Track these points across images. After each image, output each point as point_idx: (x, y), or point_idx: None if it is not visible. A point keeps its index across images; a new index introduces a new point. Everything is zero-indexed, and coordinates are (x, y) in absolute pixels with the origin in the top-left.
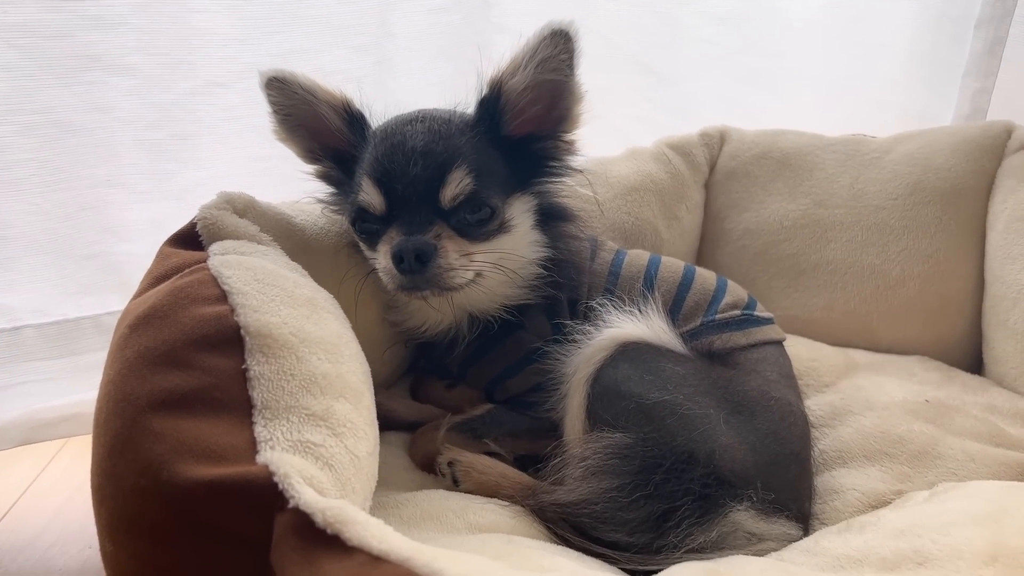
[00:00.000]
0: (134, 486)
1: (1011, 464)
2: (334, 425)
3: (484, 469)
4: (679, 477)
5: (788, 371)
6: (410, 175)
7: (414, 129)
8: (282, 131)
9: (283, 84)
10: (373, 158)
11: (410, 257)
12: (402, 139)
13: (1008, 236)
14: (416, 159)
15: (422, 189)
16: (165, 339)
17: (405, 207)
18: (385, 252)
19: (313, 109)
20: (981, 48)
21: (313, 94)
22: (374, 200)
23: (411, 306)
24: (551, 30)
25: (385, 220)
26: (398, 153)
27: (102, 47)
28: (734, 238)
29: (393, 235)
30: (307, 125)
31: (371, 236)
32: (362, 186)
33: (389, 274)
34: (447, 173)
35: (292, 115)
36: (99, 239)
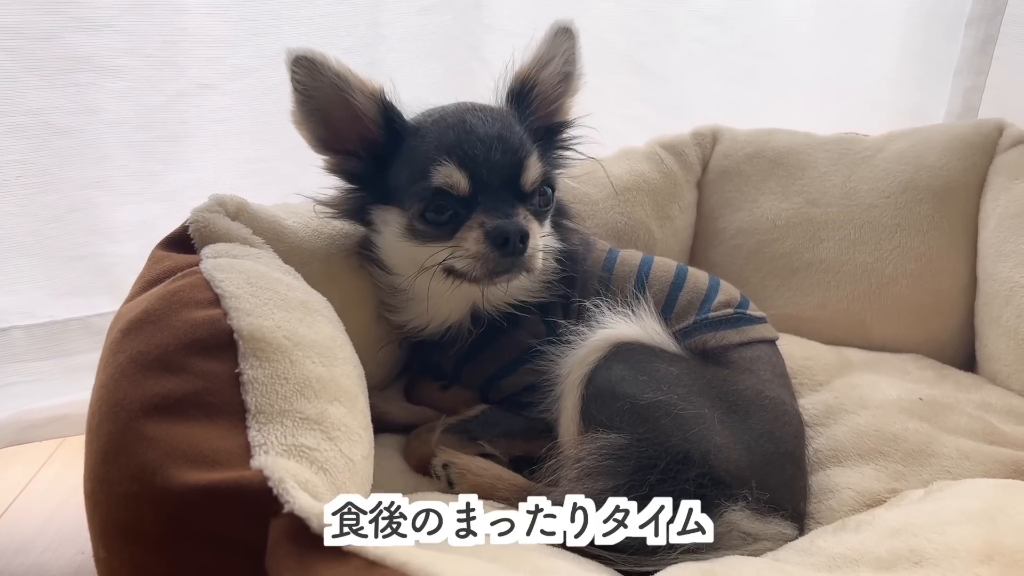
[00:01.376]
0: (127, 492)
1: (1005, 461)
2: (328, 429)
3: (479, 471)
4: (674, 478)
5: (782, 370)
6: (492, 160)
7: (479, 117)
8: (300, 114)
9: (312, 65)
10: (447, 143)
11: (516, 238)
12: (472, 126)
13: (1000, 234)
14: (495, 145)
15: (504, 174)
16: (158, 344)
17: (487, 191)
18: (477, 237)
19: (339, 95)
20: (972, 46)
21: (344, 79)
22: (459, 182)
23: (420, 304)
24: (560, 26)
25: (466, 204)
26: (474, 138)
27: (90, 49)
28: (727, 237)
29: (482, 219)
30: (327, 111)
31: (443, 226)
32: (439, 170)
33: (481, 258)
34: (526, 159)
35: (313, 98)
36: (88, 241)
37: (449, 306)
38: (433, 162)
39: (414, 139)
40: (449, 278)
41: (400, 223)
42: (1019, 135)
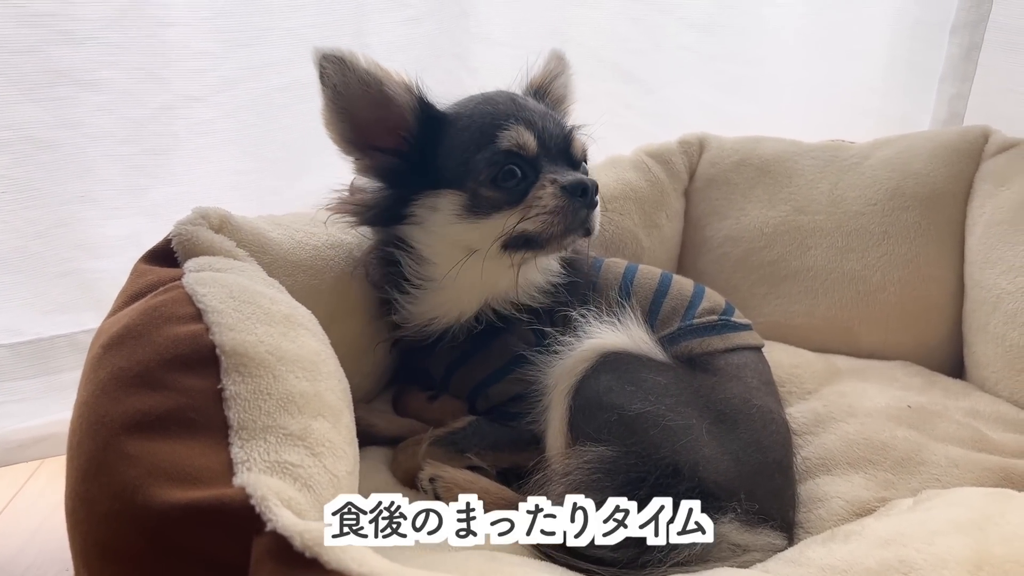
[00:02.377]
0: (108, 510)
1: (994, 469)
2: (312, 445)
3: (466, 484)
4: (664, 491)
5: (768, 377)
6: (550, 127)
7: (518, 98)
8: (329, 113)
9: (341, 62)
10: (505, 112)
11: (592, 189)
12: (523, 101)
13: (987, 240)
14: (548, 116)
15: (560, 143)
16: (139, 360)
17: (548, 156)
18: (553, 192)
19: (368, 91)
20: (957, 54)
21: (374, 75)
22: (528, 142)
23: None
24: (557, 54)
25: (533, 166)
26: (529, 109)
27: (72, 62)
28: (715, 245)
29: (554, 176)
30: (354, 110)
31: (513, 190)
32: (506, 135)
33: (559, 212)
34: (572, 131)
35: (342, 96)
36: (73, 256)
37: (469, 296)
38: (499, 128)
39: (463, 120)
40: (506, 253)
41: (456, 203)
42: (1004, 142)
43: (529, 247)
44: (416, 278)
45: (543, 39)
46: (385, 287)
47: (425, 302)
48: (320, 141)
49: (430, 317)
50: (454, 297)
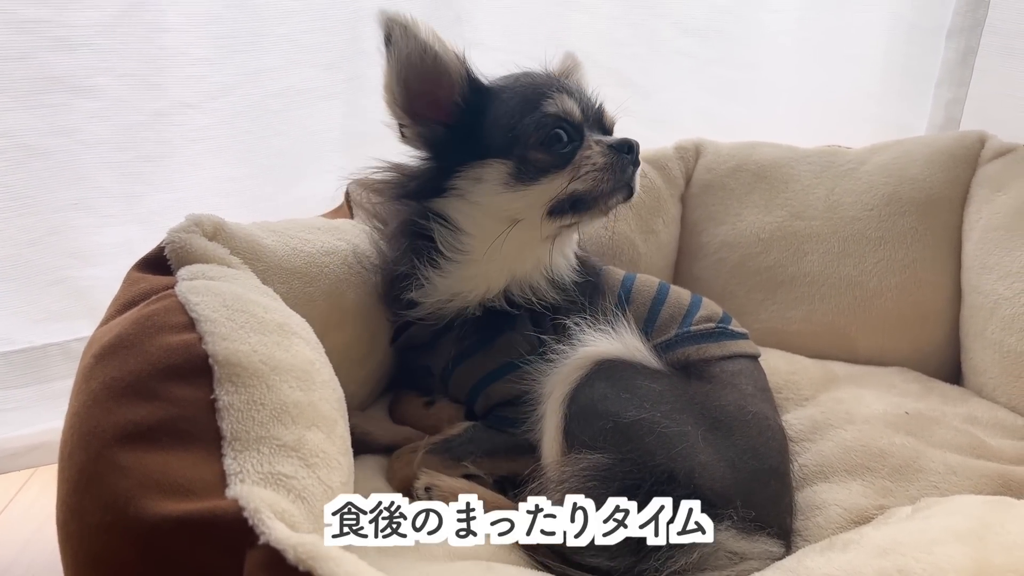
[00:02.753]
0: (99, 522)
1: (992, 476)
2: (306, 456)
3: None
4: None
5: (764, 385)
6: (587, 98)
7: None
8: (392, 75)
9: (405, 28)
10: (547, 84)
11: (636, 146)
12: (558, 77)
13: (984, 246)
14: (581, 89)
15: (595, 112)
16: (131, 370)
17: (588, 124)
18: (601, 151)
19: (426, 60)
20: (953, 58)
21: (433, 45)
22: (574, 109)
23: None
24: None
25: (579, 132)
26: (566, 82)
27: (65, 68)
28: (711, 251)
29: (599, 137)
30: (409, 77)
31: (561, 154)
32: (552, 102)
33: (608, 169)
34: (603, 103)
35: (401, 62)
36: (66, 264)
37: (497, 273)
38: (544, 96)
39: (507, 92)
40: (550, 220)
41: (502, 172)
42: (1001, 147)
43: (576, 210)
44: (452, 251)
45: (538, 44)
46: (413, 259)
47: (454, 275)
48: (316, 147)
49: (454, 292)
50: (484, 271)
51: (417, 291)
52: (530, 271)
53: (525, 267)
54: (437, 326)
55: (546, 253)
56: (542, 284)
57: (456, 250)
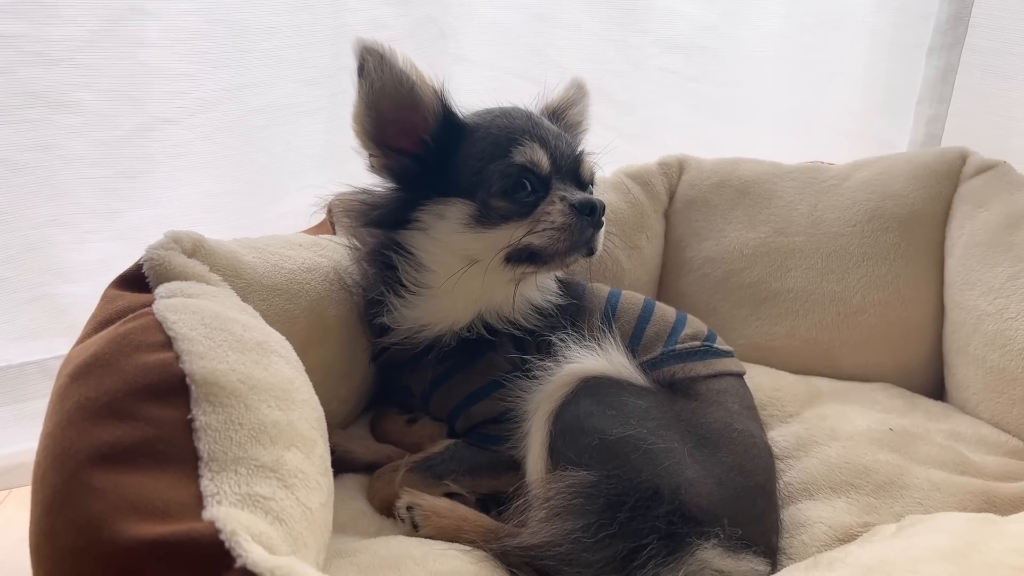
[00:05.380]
0: (73, 546)
1: (975, 492)
2: (284, 476)
3: (445, 513)
4: (644, 515)
5: (749, 402)
6: (562, 148)
7: (533, 116)
8: (362, 106)
9: (380, 57)
10: (522, 128)
11: (600, 208)
12: (539, 120)
13: (966, 262)
14: (561, 136)
15: (570, 163)
16: (107, 389)
17: (559, 175)
18: (561, 209)
19: (401, 91)
20: (934, 75)
21: (408, 75)
22: (542, 160)
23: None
24: (578, 83)
25: (545, 184)
26: (545, 127)
27: (45, 84)
28: (695, 267)
29: (563, 193)
30: (381, 106)
31: (523, 204)
32: (521, 150)
33: (565, 229)
34: (583, 153)
35: (375, 91)
36: (44, 281)
37: (464, 305)
38: (514, 143)
39: (480, 131)
40: (508, 266)
41: (464, 212)
42: (982, 163)
43: (532, 262)
44: (413, 284)
45: (522, 61)
46: (381, 288)
47: (419, 308)
48: (299, 163)
49: (422, 324)
50: (449, 306)
51: (388, 317)
52: (500, 304)
53: (493, 301)
54: (415, 351)
55: (511, 291)
56: (517, 313)
57: (418, 283)
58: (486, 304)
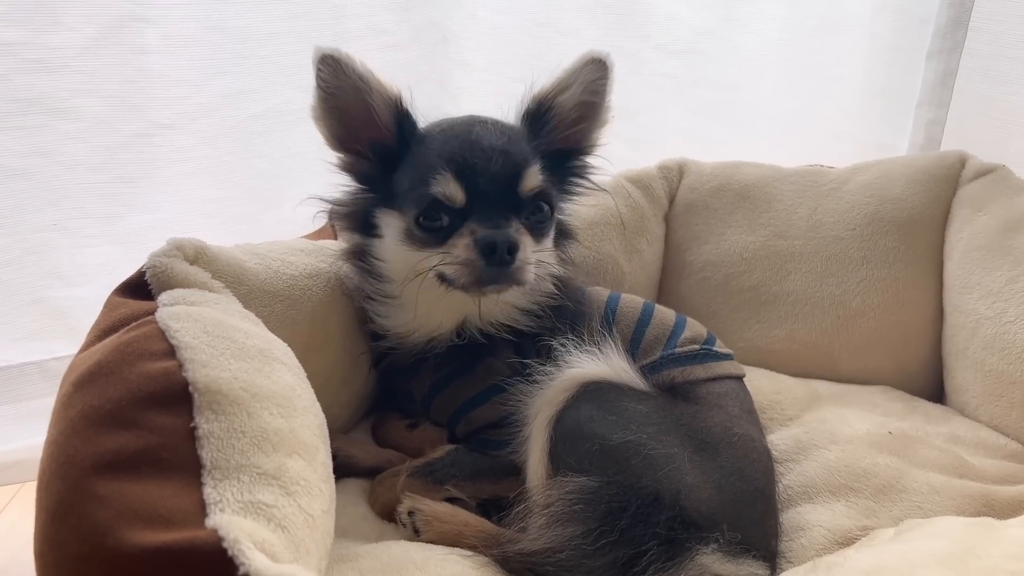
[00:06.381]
0: (77, 554)
1: (974, 496)
2: (287, 483)
3: (446, 518)
4: (645, 521)
5: (749, 406)
6: (491, 171)
7: (486, 130)
8: (320, 111)
9: (337, 64)
10: (449, 153)
11: (503, 249)
12: (478, 137)
13: (965, 266)
14: (496, 157)
15: (502, 186)
16: (110, 397)
17: (483, 202)
18: (467, 245)
19: (360, 96)
20: (933, 79)
21: (366, 81)
22: (454, 194)
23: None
24: (592, 57)
25: (461, 215)
26: (477, 149)
27: (44, 90)
28: (695, 270)
29: (474, 228)
30: (345, 110)
31: (436, 232)
32: (437, 180)
33: (469, 265)
34: (525, 169)
35: (335, 96)
36: (45, 284)
37: (439, 315)
38: (433, 171)
39: (420, 146)
40: (443, 284)
41: (400, 227)
42: (981, 167)
43: (454, 286)
44: (376, 293)
45: (523, 66)
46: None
47: (392, 318)
48: (298, 168)
49: (398, 333)
50: (422, 314)
51: (373, 324)
52: (483, 311)
53: (471, 309)
54: (414, 355)
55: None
56: (504, 319)
57: (380, 292)
58: (464, 312)
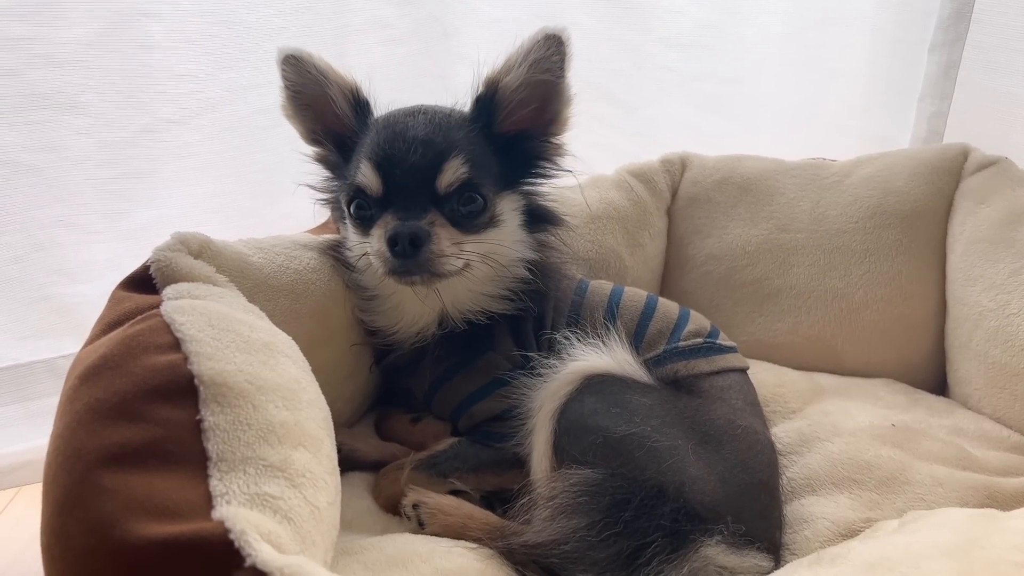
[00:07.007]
0: (84, 546)
1: (977, 487)
2: (292, 476)
3: (450, 510)
4: (649, 513)
5: (753, 398)
6: (408, 162)
7: (415, 120)
8: (290, 108)
9: (298, 62)
10: (374, 143)
11: (404, 241)
12: (403, 128)
13: (968, 258)
14: (416, 147)
15: (419, 177)
16: (116, 391)
17: (401, 193)
18: (379, 236)
19: (322, 90)
20: (936, 72)
21: (325, 75)
22: (372, 183)
23: (387, 303)
24: (544, 34)
25: (381, 204)
26: (399, 140)
27: (52, 85)
28: (698, 264)
29: (388, 220)
30: (314, 106)
31: (365, 221)
32: (361, 169)
33: (382, 257)
34: (444, 161)
35: (302, 93)
36: (51, 281)
37: (414, 306)
38: (359, 161)
39: (365, 135)
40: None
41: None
42: (983, 160)
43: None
44: (353, 284)
45: None
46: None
47: (371, 310)
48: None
49: (387, 324)
50: (397, 305)
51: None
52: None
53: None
54: (408, 347)
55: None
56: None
57: (359, 284)
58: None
